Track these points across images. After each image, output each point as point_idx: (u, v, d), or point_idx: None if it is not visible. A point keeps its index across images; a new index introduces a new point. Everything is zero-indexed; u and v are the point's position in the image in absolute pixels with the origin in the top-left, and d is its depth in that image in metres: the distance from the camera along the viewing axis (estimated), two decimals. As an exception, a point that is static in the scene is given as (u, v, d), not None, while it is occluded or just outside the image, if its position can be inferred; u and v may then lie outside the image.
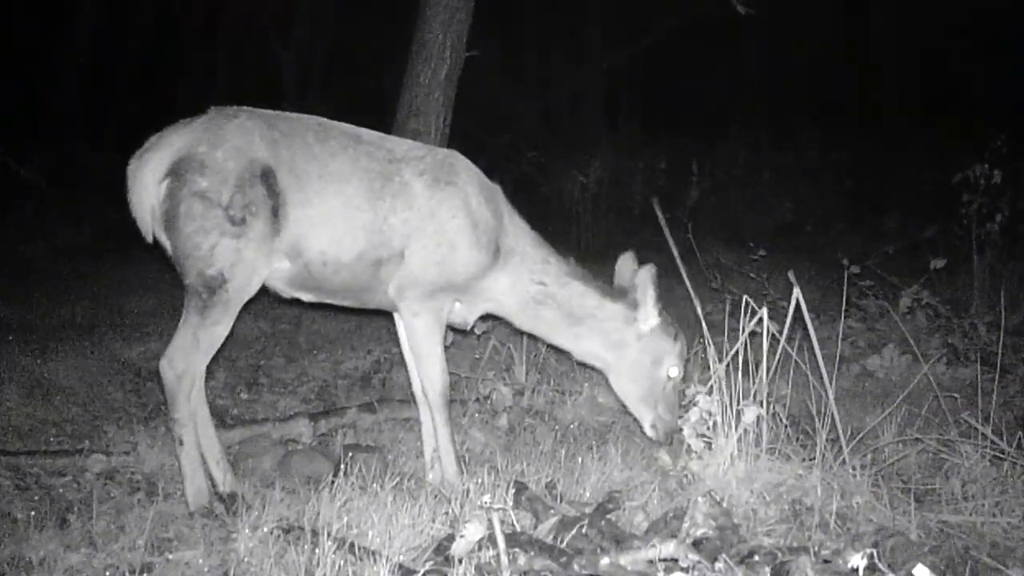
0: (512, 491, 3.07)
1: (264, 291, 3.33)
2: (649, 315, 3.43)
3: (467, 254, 3.34)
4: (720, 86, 15.90)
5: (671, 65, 14.92)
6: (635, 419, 3.61)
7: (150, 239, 3.21)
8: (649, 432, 3.52)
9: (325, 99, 11.92)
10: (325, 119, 3.38)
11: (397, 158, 3.33)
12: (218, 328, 3.12)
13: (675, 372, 3.46)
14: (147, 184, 3.07)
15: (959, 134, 9.95)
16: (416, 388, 3.59)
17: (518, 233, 3.50)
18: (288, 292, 3.40)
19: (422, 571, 2.50)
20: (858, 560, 2.33)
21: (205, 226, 3.01)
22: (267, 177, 3.08)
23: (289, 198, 3.13)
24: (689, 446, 3.22)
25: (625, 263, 3.57)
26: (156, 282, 6.50)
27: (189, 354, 3.09)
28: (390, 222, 3.24)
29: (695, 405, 3.22)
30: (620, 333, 3.47)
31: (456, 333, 4.20)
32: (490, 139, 10.81)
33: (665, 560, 2.42)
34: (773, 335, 3.18)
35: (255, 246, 3.08)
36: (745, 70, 16.25)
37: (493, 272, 3.43)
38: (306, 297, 3.44)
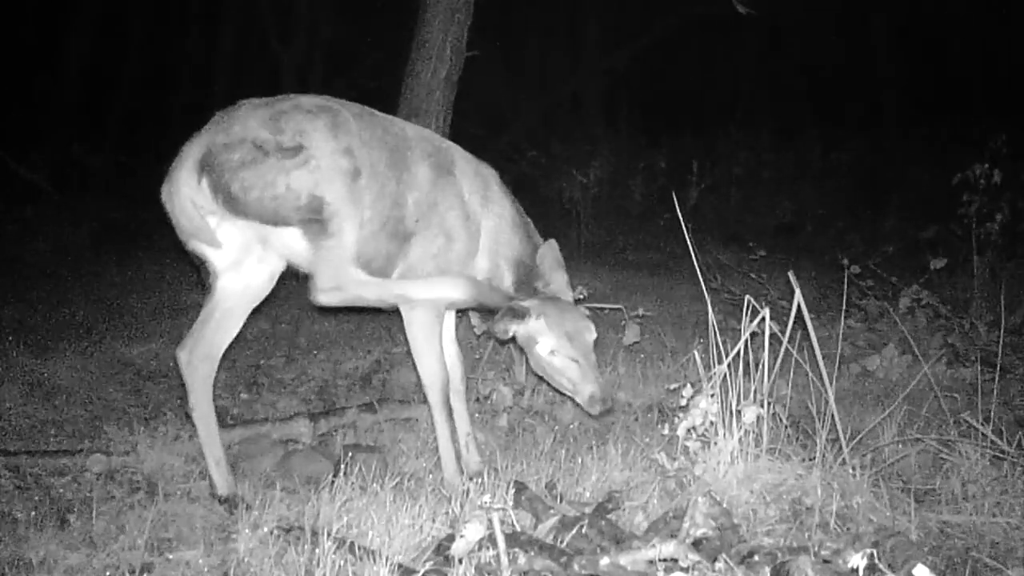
0: (512, 491, 3.07)
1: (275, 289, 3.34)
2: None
3: (462, 247, 3.38)
4: (720, 86, 15.90)
5: (671, 65, 14.93)
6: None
7: (216, 247, 3.15)
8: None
9: (325, 99, 11.90)
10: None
11: (408, 137, 3.38)
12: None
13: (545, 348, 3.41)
14: (186, 197, 3.04)
15: (959, 134, 9.97)
16: (454, 378, 3.64)
17: (499, 214, 3.51)
18: None
19: (422, 571, 2.50)
20: (858, 560, 2.33)
21: (266, 178, 2.98)
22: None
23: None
24: (687, 447, 3.22)
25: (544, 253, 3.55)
26: (156, 282, 6.50)
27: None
28: (406, 197, 3.27)
29: (696, 407, 3.21)
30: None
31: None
32: (490, 139, 10.82)
33: (665, 560, 2.42)
34: (773, 335, 3.17)
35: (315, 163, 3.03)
36: (745, 70, 16.25)
37: (476, 256, 3.48)
38: None
